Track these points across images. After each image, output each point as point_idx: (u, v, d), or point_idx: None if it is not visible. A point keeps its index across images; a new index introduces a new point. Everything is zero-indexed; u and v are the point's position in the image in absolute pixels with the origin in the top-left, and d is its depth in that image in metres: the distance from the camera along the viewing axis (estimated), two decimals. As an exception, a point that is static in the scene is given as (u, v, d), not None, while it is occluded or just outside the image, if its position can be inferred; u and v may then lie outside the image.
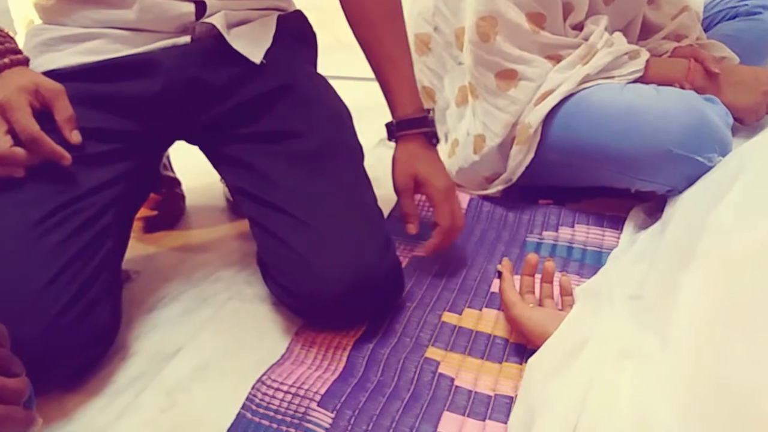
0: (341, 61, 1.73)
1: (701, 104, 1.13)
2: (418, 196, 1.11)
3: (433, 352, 0.96)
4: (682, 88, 1.23)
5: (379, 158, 1.49)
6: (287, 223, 0.97)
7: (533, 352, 0.85)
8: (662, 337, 0.73)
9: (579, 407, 0.71)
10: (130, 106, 1.01)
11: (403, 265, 1.15)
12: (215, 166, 1.14)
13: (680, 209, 1.05)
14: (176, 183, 1.44)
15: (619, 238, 1.21)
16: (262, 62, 1.05)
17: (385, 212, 1.15)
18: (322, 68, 1.23)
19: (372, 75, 1.11)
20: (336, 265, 0.92)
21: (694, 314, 0.71)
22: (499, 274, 0.98)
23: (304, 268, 0.93)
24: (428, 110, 1.09)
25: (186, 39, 1.03)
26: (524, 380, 0.83)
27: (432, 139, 1.09)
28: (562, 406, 0.73)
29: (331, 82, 1.17)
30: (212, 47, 1.03)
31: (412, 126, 1.08)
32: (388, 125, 1.10)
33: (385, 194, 1.15)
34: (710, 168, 1.10)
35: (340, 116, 1.11)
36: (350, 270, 0.92)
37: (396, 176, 1.08)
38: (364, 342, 0.98)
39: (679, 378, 0.67)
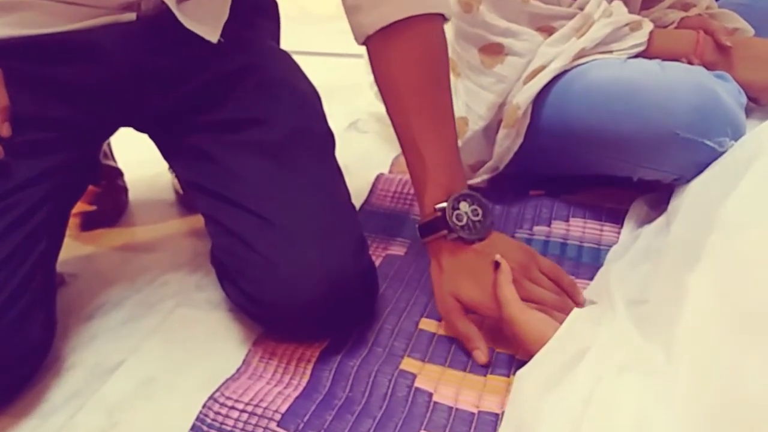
0: (307, 34, 1.73)
1: (711, 82, 1.13)
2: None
3: (408, 364, 0.96)
4: (690, 63, 1.23)
5: (349, 143, 1.55)
6: (249, 222, 0.97)
7: (522, 363, 0.85)
8: (668, 348, 0.73)
9: (576, 423, 0.71)
10: (68, 91, 1.00)
11: (376, 264, 1.14)
12: (167, 159, 1.14)
13: (687, 200, 1.05)
14: (118, 173, 1.43)
15: (619, 233, 1.21)
16: (219, 41, 1.04)
17: (357, 205, 1.15)
18: (285, 43, 1.23)
19: (343, 50, 1.10)
20: (305, 269, 0.92)
21: (703, 321, 0.71)
22: (497, 266, 0.94)
23: (268, 272, 0.94)
24: (457, 199, 0.98)
25: (131, 16, 1.01)
26: (513, 394, 0.83)
27: (464, 240, 0.97)
28: (558, 422, 0.73)
29: (296, 58, 1.17)
30: (161, 25, 1.01)
31: (428, 231, 0.99)
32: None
33: (355, 183, 1.15)
34: (721, 153, 1.10)
35: (308, 100, 1.11)
36: (321, 274, 0.92)
37: (437, 299, 1.00)
38: (330, 353, 0.98)
39: (686, 393, 0.67)
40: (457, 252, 0.98)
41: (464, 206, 0.98)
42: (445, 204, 0.97)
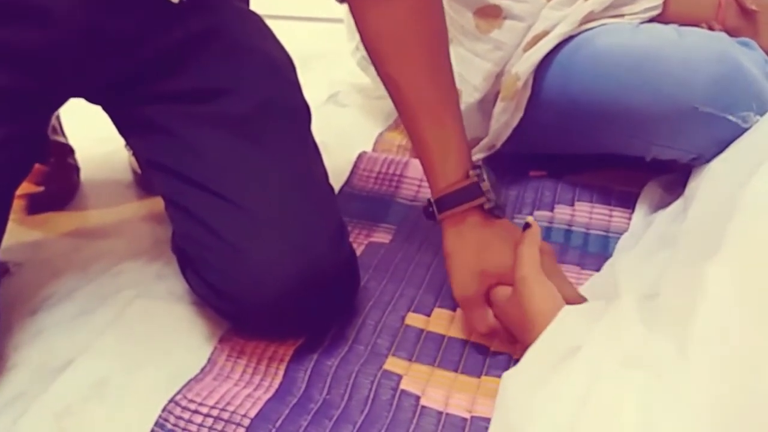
0: (281, -5, 1.72)
1: (734, 50, 1.13)
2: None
3: (393, 364, 0.96)
4: (711, 29, 1.23)
5: (327, 119, 1.53)
6: (215, 205, 0.97)
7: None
8: (681, 343, 0.72)
9: (571, 424, 0.72)
10: (9, 56, 0.99)
11: (358, 253, 1.14)
12: (122, 133, 1.13)
13: (706, 182, 1.05)
14: (68, 150, 1.42)
15: (629, 219, 1.22)
16: (179, 1, 1.02)
17: (336, 187, 1.15)
18: (256, 5, 1.21)
19: (321, 15, 1.09)
20: (278, 258, 0.92)
21: (722, 315, 0.71)
22: (526, 228, 0.96)
23: (236, 261, 0.93)
24: (477, 168, 0.98)
25: (80, -27, 1.00)
26: (500, 395, 0.83)
27: (495, 210, 0.98)
28: (550, 422, 0.73)
29: (269, 22, 1.16)
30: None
31: (459, 200, 0.97)
32: (425, 208, 1.01)
33: (335, 163, 1.15)
34: (745, 130, 1.10)
35: (280, 68, 1.10)
36: (296, 264, 0.92)
37: (455, 280, 0.98)
38: (306, 351, 0.98)
39: (702, 392, 0.67)
40: (489, 224, 0.98)
41: (491, 176, 0.98)
42: (478, 171, 0.97)
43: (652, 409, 0.69)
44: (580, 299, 0.94)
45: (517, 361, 0.90)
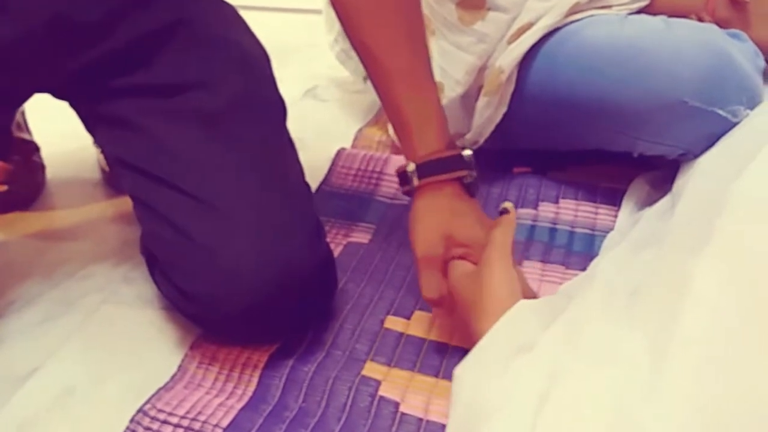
0: (256, -15, 1.71)
1: (724, 42, 1.13)
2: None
3: (372, 369, 0.96)
4: (700, 20, 1.23)
5: (304, 114, 1.54)
6: (185, 205, 0.96)
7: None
8: (661, 340, 0.72)
9: (532, 424, 0.71)
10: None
11: (336, 254, 1.14)
12: (89, 129, 1.13)
13: (695, 178, 1.05)
14: (33, 148, 1.42)
15: (616, 216, 1.22)
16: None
17: (314, 185, 1.16)
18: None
19: (298, 5, 1.08)
20: (251, 260, 0.92)
21: (709, 314, 0.71)
22: (503, 213, 0.96)
23: (208, 264, 0.93)
24: (462, 147, 1.01)
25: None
26: (454, 394, 0.82)
27: (471, 187, 1.01)
28: (510, 422, 0.73)
29: (243, 14, 1.15)
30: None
31: (442, 168, 0.99)
32: (401, 173, 1.01)
33: (313, 160, 1.15)
34: (735, 124, 1.11)
35: (254, 61, 1.10)
36: (270, 266, 0.92)
37: (419, 238, 0.98)
38: (281, 357, 0.98)
39: (685, 393, 0.67)
40: (464, 198, 0.99)
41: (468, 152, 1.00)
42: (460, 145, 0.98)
43: (630, 408, 0.68)
44: (535, 298, 0.94)
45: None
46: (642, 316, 0.78)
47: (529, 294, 0.95)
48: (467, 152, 0.99)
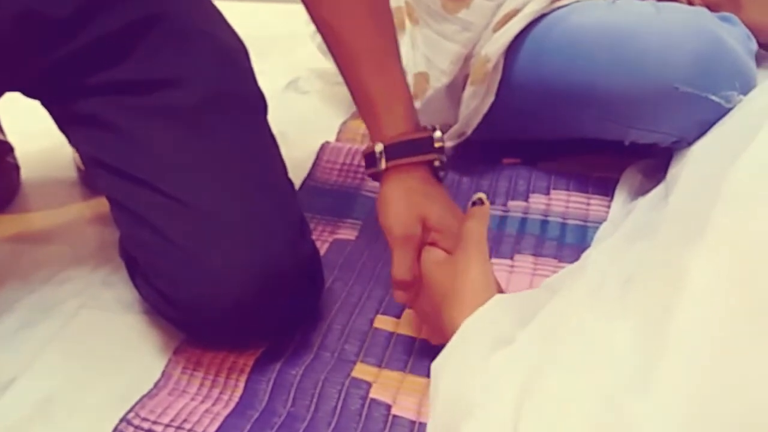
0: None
1: (716, 26, 1.13)
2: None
3: (362, 371, 0.96)
4: (690, 3, 1.24)
5: (286, 107, 1.54)
6: (162, 205, 0.96)
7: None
8: (655, 336, 0.71)
9: (514, 420, 0.71)
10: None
11: (322, 252, 1.14)
12: (62, 128, 1.12)
13: (689, 167, 1.04)
14: (7, 148, 1.41)
15: (608, 207, 1.22)
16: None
17: (297, 180, 1.15)
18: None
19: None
20: (233, 261, 0.92)
21: (705, 309, 0.70)
22: (477, 203, 0.95)
23: (188, 266, 0.93)
24: (432, 128, 0.99)
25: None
26: (432, 389, 0.82)
27: (440, 172, 0.99)
28: (490, 418, 0.73)
29: (219, 4, 1.14)
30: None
31: (412, 150, 0.97)
32: (367, 154, 1.00)
33: (296, 155, 1.15)
34: (728, 110, 1.11)
35: (232, 55, 1.09)
36: (254, 267, 0.92)
37: (394, 219, 0.95)
38: (267, 361, 0.97)
39: (679, 392, 0.66)
40: (434, 184, 0.98)
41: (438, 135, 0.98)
42: (430, 127, 0.98)
43: (620, 403, 0.68)
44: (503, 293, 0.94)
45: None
46: (633, 309, 0.77)
47: (499, 289, 0.94)
48: (437, 134, 0.97)
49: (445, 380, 0.80)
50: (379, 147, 0.96)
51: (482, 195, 0.95)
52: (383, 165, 0.96)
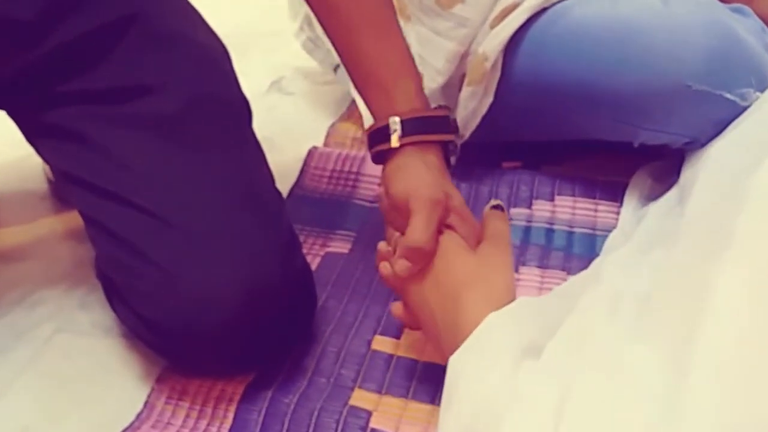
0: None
1: (728, 18, 1.13)
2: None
3: (361, 398, 0.96)
4: (700, -6, 1.23)
5: (270, 110, 1.54)
6: (141, 222, 0.95)
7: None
8: (678, 357, 0.71)
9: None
10: None
11: (312, 267, 1.12)
12: (30, 141, 1.11)
13: (705, 170, 1.03)
14: (-28, 159, 1.40)
15: (618, 213, 1.22)
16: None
17: (284, 190, 1.15)
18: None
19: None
20: (218, 282, 0.91)
21: (735, 328, 0.69)
22: (497, 209, 0.96)
23: (170, 288, 0.92)
24: (445, 107, 1.00)
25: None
26: (452, 386, 0.81)
27: (452, 156, 1.00)
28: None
29: (196, 3, 1.13)
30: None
31: (430, 128, 0.96)
32: (374, 131, 0.98)
33: (282, 161, 1.15)
34: (744, 108, 1.10)
35: (212, 57, 1.09)
36: (241, 287, 0.91)
37: (416, 181, 0.93)
38: (258, 388, 0.97)
39: (710, 417, 0.65)
40: (447, 171, 0.97)
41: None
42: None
43: (649, 429, 0.67)
44: None
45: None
46: (654, 329, 0.76)
47: None
48: (454, 120, 0.99)
49: (467, 379, 0.80)
50: (394, 121, 0.95)
51: (500, 201, 0.97)
52: (397, 142, 0.94)
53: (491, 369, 0.78)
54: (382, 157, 0.97)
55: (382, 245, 0.95)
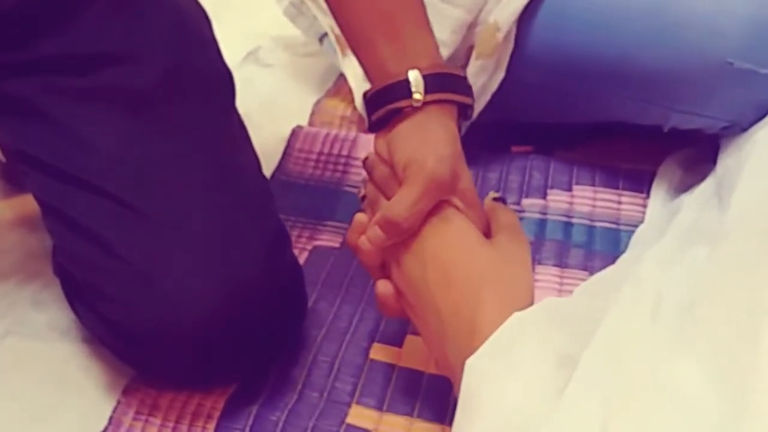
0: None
1: (774, -13, 1.14)
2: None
3: (359, 415, 0.95)
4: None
5: (247, 83, 1.50)
6: (109, 212, 0.94)
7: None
8: (734, 376, 0.69)
9: None
10: None
11: (301, 261, 1.13)
12: None
13: (752, 158, 1.03)
14: None
15: (644, 206, 1.22)
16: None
17: (267, 172, 1.15)
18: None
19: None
20: (197, 281, 0.91)
21: None
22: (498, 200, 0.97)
23: (140, 287, 0.91)
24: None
25: None
26: (469, 387, 0.79)
27: (463, 120, 0.98)
28: None
29: None
30: None
31: (453, 86, 0.94)
32: (387, 87, 0.93)
33: (262, 142, 1.12)
34: (792, 89, 1.10)
35: (191, 24, 1.08)
36: (222, 287, 0.91)
37: (427, 148, 0.89)
38: (241, 403, 0.96)
39: None
40: (454, 126, 0.94)
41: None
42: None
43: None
44: None
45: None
46: (700, 342, 0.75)
47: None
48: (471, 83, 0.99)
49: (490, 386, 0.78)
50: (414, 74, 0.90)
51: (500, 194, 0.98)
52: (418, 97, 0.90)
53: (520, 377, 0.77)
54: (386, 121, 0.93)
55: (360, 216, 0.92)
